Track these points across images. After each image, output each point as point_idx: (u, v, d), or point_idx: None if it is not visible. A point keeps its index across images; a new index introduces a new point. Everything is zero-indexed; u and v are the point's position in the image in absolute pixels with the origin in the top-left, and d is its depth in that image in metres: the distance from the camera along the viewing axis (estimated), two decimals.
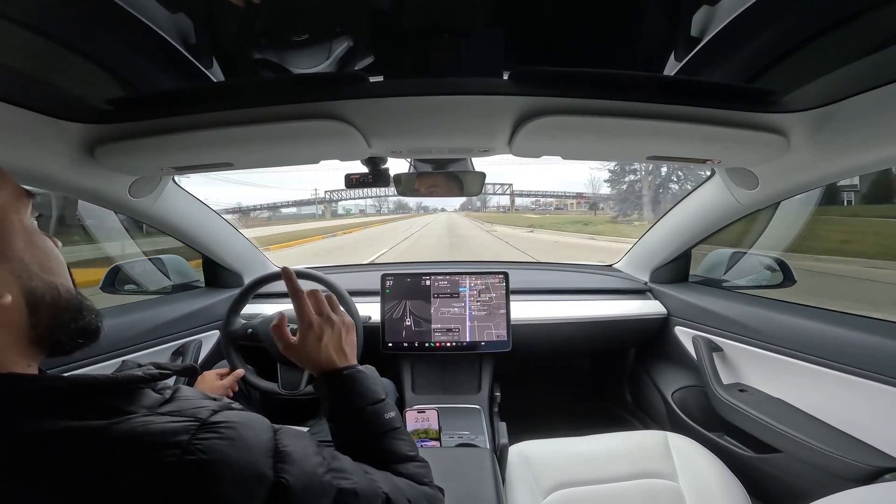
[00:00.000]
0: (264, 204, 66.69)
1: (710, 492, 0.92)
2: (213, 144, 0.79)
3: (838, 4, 0.48)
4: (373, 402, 0.56)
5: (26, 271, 0.36)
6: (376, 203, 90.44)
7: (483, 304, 1.34)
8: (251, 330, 1.17)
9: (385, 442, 0.54)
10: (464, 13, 0.54)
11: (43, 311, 0.37)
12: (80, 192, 0.93)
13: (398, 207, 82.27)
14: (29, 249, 0.37)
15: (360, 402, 0.56)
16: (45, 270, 0.38)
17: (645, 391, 1.55)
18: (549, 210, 65.46)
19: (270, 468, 0.36)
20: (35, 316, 0.36)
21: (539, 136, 0.78)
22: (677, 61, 0.61)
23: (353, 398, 0.56)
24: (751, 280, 1.44)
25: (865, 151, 0.75)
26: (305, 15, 0.53)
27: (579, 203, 57.47)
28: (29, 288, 0.36)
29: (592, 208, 49.16)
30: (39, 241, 0.39)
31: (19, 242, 0.36)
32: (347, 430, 0.56)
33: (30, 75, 0.60)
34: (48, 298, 0.37)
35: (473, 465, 0.94)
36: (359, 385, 0.57)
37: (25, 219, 0.38)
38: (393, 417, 0.57)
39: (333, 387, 0.57)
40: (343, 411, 0.56)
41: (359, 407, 0.55)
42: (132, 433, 0.32)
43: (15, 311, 0.35)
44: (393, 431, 0.56)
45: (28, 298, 0.36)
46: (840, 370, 0.92)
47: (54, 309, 0.38)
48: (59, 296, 0.39)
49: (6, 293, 0.34)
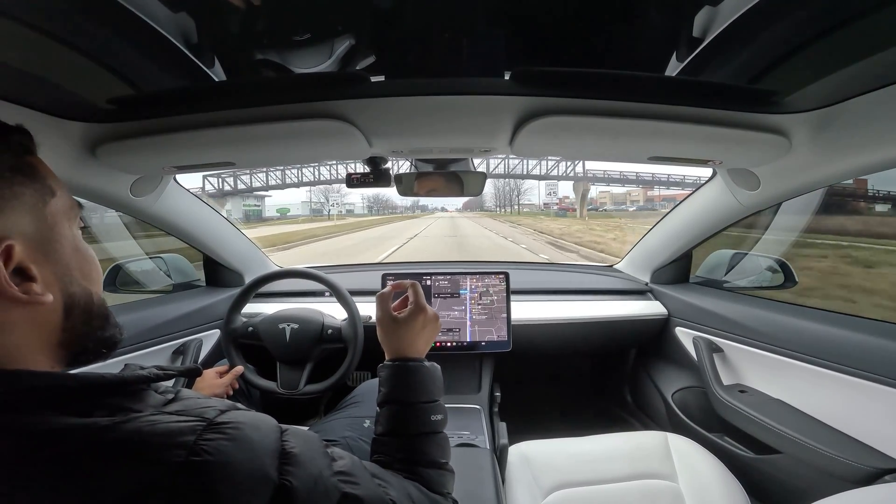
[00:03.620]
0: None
1: (709, 493, 0.92)
2: (214, 144, 0.79)
3: (840, 5, 0.48)
4: (427, 401, 0.58)
5: (69, 275, 0.38)
6: (366, 201, 79.32)
7: (484, 307, 1.34)
8: (252, 329, 1.17)
9: (420, 441, 0.56)
10: (465, 13, 0.54)
11: (76, 316, 0.39)
12: (82, 191, 0.93)
13: (382, 207, 73.78)
14: (74, 256, 0.39)
15: (415, 397, 0.58)
16: (84, 277, 0.40)
17: (645, 392, 1.55)
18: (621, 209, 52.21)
19: (275, 470, 0.36)
20: (69, 319, 0.38)
21: (540, 137, 0.78)
22: (679, 62, 0.61)
23: (412, 391, 0.58)
24: (752, 281, 1.44)
25: (867, 152, 0.75)
26: (307, 14, 0.53)
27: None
28: (69, 292, 0.38)
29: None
30: (83, 249, 0.41)
31: (67, 248, 0.39)
32: (392, 420, 0.57)
33: (31, 74, 0.60)
34: (83, 304, 0.39)
35: (473, 465, 0.94)
36: (423, 380, 0.60)
37: (74, 227, 0.41)
38: (439, 420, 0.58)
39: (399, 373, 0.60)
40: (397, 401, 0.58)
41: (413, 401, 0.58)
42: (139, 432, 0.32)
43: (52, 312, 0.37)
44: (433, 435, 0.57)
45: (66, 301, 0.38)
46: (840, 371, 0.92)
47: (86, 315, 0.40)
48: (92, 303, 0.41)
49: (48, 293, 0.35)
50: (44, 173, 0.39)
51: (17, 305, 0.34)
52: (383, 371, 0.61)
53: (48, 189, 0.38)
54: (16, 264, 0.34)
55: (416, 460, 0.54)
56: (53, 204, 0.38)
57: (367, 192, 55.94)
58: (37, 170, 0.38)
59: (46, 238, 0.37)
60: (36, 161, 0.39)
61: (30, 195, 0.36)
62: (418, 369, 0.60)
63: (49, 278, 0.36)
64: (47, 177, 0.39)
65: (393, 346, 0.63)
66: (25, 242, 0.35)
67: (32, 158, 0.38)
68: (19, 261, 0.34)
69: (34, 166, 0.38)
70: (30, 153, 0.39)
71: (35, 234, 0.36)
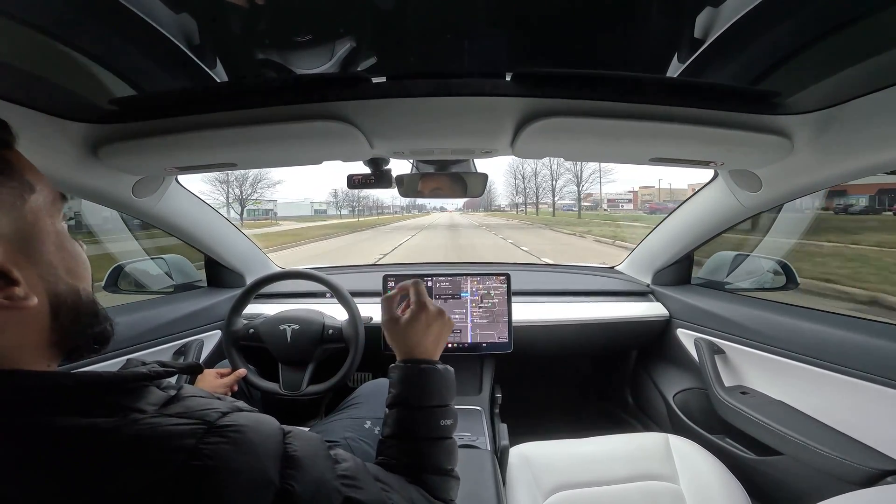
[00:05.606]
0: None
1: (711, 494, 0.92)
2: (216, 145, 0.79)
3: (842, 6, 0.48)
4: (438, 405, 0.56)
5: (53, 275, 0.37)
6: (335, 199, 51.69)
7: (486, 309, 1.34)
8: (253, 330, 1.17)
9: (428, 446, 0.54)
10: (467, 14, 0.54)
11: (64, 315, 0.37)
12: (84, 192, 0.94)
13: (368, 206, 53.18)
14: (58, 253, 0.38)
15: (426, 401, 0.56)
16: (70, 275, 0.38)
17: (646, 393, 1.55)
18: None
19: (277, 474, 0.35)
20: (57, 319, 0.37)
21: (542, 138, 0.78)
22: (680, 63, 0.61)
23: (424, 394, 0.57)
24: (753, 283, 1.44)
25: (870, 154, 0.75)
26: (309, 16, 0.53)
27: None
28: (55, 292, 0.37)
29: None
30: (69, 245, 0.39)
31: (50, 246, 0.37)
32: (400, 423, 0.55)
33: (34, 75, 0.60)
34: (70, 303, 0.38)
35: (474, 467, 0.94)
36: (434, 383, 0.58)
37: (58, 222, 0.39)
38: (448, 425, 0.56)
39: (410, 375, 0.58)
40: (408, 403, 0.56)
41: (423, 405, 0.56)
42: (139, 435, 0.32)
43: (39, 313, 0.36)
44: (442, 440, 0.55)
45: (52, 301, 0.36)
46: (842, 373, 0.91)
47: (74, 313, 0.38)
48: (79, 301, 0.39)
49: (33, 296, 0.34)
50: (20, 168, 0.36)
51: (2, 310, 0.32)
52: (394, 372, 0.60)
53: (26, 185, 0.36)
54: None
55: (422, 466, 0.53)
56: (33, 200, 0.36)
57: (339, 187, 47.71)
58: (12, 165, 0.35)
59: (27, 237, 0.35)
60: (12, 155, 0.36)
61: (6, 194, 0.34)
62: (430, 372, 0.58)
63: (33, 279, 0.35)
64: (24, 171, 0.36)
65: (400, 348, 0.62)
66: (4, 245, 0.33)
67: (8, 153, 0.36)
68: (0, 265, 0.32)
69: (9, 161, 0.35)
70: (6, 147, 0.36)
71: (15, 235, 0.34)
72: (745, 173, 1.00)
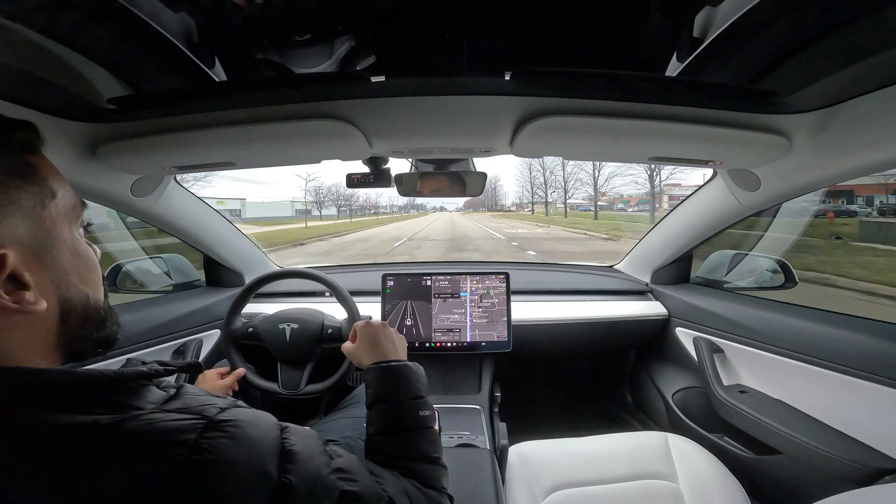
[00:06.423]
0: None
1: (709, 493, 0.92)
2: (214, 144, 0.79)
3: (841, 5, 0.48)
4: (412, 398, 0.61)
5: (65, 280, 0.37)
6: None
7: (485, 309, 1.34)
8: (252, 329, 1.17)
9: (411, 437, 0.57)
10: (466, 13, 0.54)
11: (72, 320, 0.38)
12: (82, 191, 0.93)
13: (362, 207, 49.24)
14: (73, 259, 0.38)
15: (402, 394, 0.61)
16: (82, 281, 0.39)
17: (645, 392, 1.55)
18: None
19: (275, 468, 0.36)
20: (65, 323, 0.37)
21: (541, 137, 0.78)
22: (679, 62, 0.61)
23: (398, 388, 0.62)
24: (752, 282, 1.44)
25: (868, 153, 0.75)
26: (308, 14, 0.53)
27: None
28: (65, 297, 0.37)
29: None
30: (83, 251, 0.40)
31: (65, 252, 0.37)
32: (382, 419, 0.59)
33: (32, 74, 0.60)
34: (79, 308, 0.38)
35: (473, 466, 0.94)
36: (409, 377, 0.63)
37: (75, 228, 0.39)
38: (427, 416, 0.60)
39: (382, 373, 0.64)
40: (385, 399, 0.61)
41: (400, 398, 0.60)
42: (139, 431, 0.32)
43: (48, 317, 0.36)
44: (423, 430, 0.59)
45: (62, 306, 0.37)
46: (840, 372, 0.92)
47: (83, 319, 0.39)
48: (89, 307, 0.39)
49: (42, 300, 0.34)
50: (45, 173, 0.37)
51: (11, 312, 0.33)
52: (368, 374, 0.65)
53: (48, 190, 0.36)
54: (9, 272, 0.32)
55: (410, 455, 0.56)
56: (53, 206, 0.36)
57: (323, 184, 43.73)
58: (37, 170, 0.36)
59: (43, 243, 0.35)
60: (37, 160, 0.37)
61: (27, 199, 0.34)
62: (400, 368, 0.64)
63: (44, 284, 0.35)
64: (48, 177, 0.37)
65: (368, 360, 0.68)
66: (20, 249, 0.33)
67: (34, 157, 0.36)
68: (13, 268, 0.32)
69: (34, 166, 0.36)
70: (32, 151, 0.36)
71: (31, 240, 0.34)
72: (744, 172, 1.00)
